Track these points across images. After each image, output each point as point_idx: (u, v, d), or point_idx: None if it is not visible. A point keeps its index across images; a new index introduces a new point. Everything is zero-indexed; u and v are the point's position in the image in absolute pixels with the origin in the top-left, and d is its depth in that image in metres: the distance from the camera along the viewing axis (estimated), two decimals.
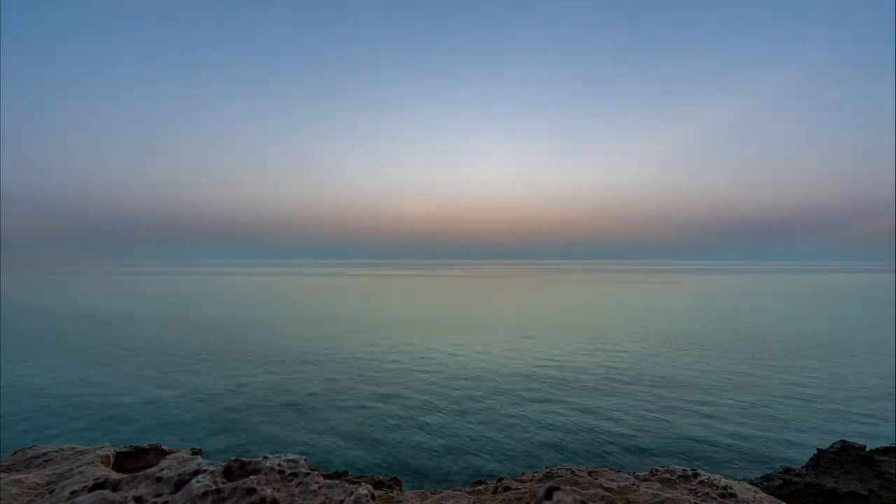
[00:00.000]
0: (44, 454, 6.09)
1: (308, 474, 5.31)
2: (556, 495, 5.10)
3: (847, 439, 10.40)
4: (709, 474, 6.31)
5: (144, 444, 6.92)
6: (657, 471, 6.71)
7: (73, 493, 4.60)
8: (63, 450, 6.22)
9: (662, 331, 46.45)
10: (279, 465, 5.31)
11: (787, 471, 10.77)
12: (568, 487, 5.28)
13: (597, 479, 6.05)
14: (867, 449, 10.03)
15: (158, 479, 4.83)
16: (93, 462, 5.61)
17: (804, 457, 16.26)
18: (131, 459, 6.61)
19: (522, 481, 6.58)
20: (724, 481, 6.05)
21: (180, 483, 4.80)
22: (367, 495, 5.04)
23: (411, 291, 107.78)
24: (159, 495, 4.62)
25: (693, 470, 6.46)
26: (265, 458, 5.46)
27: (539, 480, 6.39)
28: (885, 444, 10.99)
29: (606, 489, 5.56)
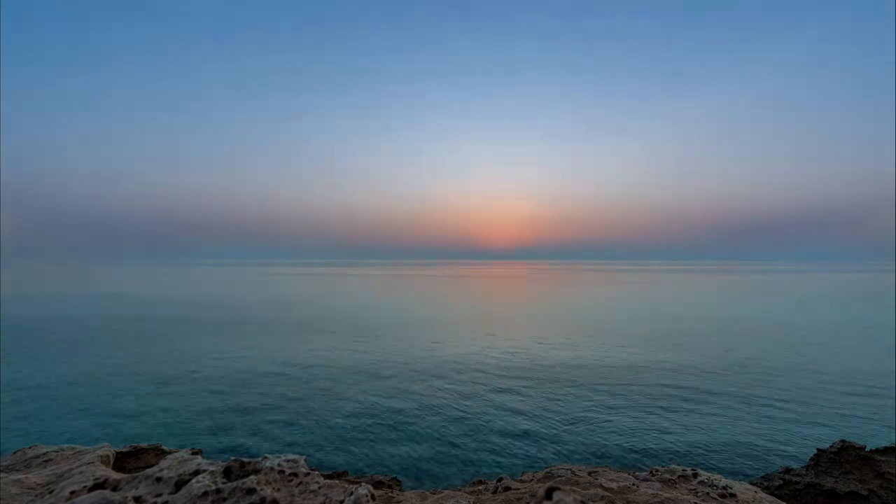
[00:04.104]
0: (44, 454, 6.10)
1: (308, 474, 5.32)
2: (556, 495, 5.10)
3: (847, 439, 10.41)
4: (709, 474, 6.32)
5: (144, 444, 6.93)
6: (657, 471, 6.72)
7: (73, 493, 4.60)
8: (63, 450, 6.23)
9: (661, 331, 46.47)
10: (279, 465, 5.32)
11: (787, 471, 10.78)
12: (568, 487, 5.29)
13: (597, 479, 6.06)
14: (867, 449, 10.04)
15: (158, 479, 4.84)
16: (93, 462, 5.62)
17: (804, 457, 16.28)
18: (131, 459, 6.62)
19: (522, 481, 6.59)
20: (724, 481, 6.05)
21: (180, 483, 4.81)
22: (367, 495, 5.04)
23: (408, 291, 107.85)
24: (159, 495, 4.62)
25: (693, 470, 6.47)
26: (265, 458, 5.48)
27: (539, 480, 6.40)
28: (885, 444, 11.00)
29: (606, 489, 5.56)
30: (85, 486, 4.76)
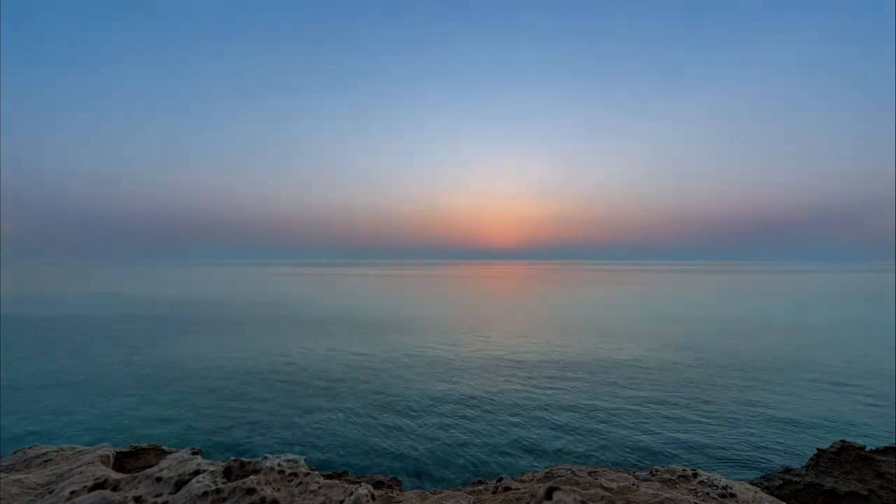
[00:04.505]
0: (44, 454, 6.11)
1: (308, 474, 5.33)
2: (556, 495, 5.11)
3: (847, 439, 10.42)
4: (709, 474, 6.32)
5: (144, 444, 6.94)
6: (657, 471, 6.72)
7: (73, 493, 4.61)
8: (63, 450, 6.23)
9: (661, 331, 46.47)
10: (279, 465, 5.32)
11: (787, 471, 10.79)
12: (568, 487, 5.29)
13: (597, 479, 6.06)
14: (867, 449, 10.04)
15: (158, 479, 4.84)
16: (93, 462, 5.62)
17: (804, 457, 16.28)
18: (131, 459, 6.63)
19: (522, 481, 6.59)
20: (724, 481, 6.06)
21: (180, 483, 4.82)
22: (367, 495, 5.05)
23: (408, 292, 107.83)
24: (159, 495, 4.63)
25: (693, 470, 6.47)
26: (265, 458, 5.48)
27: (539, 480, 6.40)
28: (885, 444, 11.00)
29: (606, 489, 5.56)
30: (85, 486, 4.76)
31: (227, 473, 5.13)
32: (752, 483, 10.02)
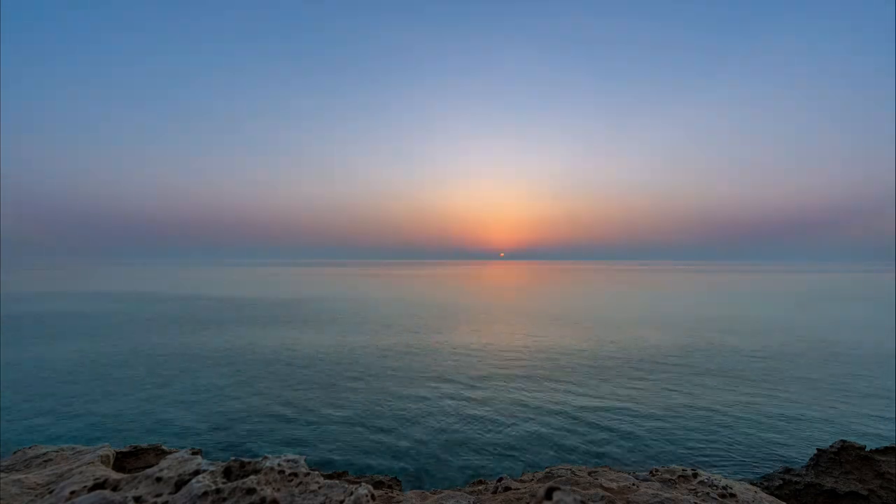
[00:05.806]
0: (44, 454, 6.11)
1: (308, 474, 5.33)
2: (556, 495, 5.11)
3: (847, 439, 10.42)
4: (709, 474, 6.33)
5: (144, 444, 6.94)
6: (657, 471, 6.73)
7: (73, 493, 4.61)
8: (63, 450, 6.24)
9: (661, 331, 46.50)
10: (279, 465, 5.32)
11: (787, 471, 10.80)
12: (568, 487, 5.29)
13: (597, 479, 6.06)
14: (867, 449, 10.05)
15: (158, 479, 4.85)
16: (93, 462, 5.62)
17: (804, 457, 16.28)
18: (131, 459, 6.63)
19: (522, 481, 6.60)
20: (724, 481, 6.06)
21: (180, 483, 4.82)
22: (367, 495, 5.05)
23: (410, 291, 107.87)
24: (159, 495, 4.63)
25: (693, 470, 6.47)
26: (265, 458, 5.48)
27: (539, 480, 6.40)
28: (885, 444, 11.01)
29: (606, 489, 5.57)
30: (85, 486, 4.76)
31: (227, 473, 5.13)
32: (752, 483, 10.02)
